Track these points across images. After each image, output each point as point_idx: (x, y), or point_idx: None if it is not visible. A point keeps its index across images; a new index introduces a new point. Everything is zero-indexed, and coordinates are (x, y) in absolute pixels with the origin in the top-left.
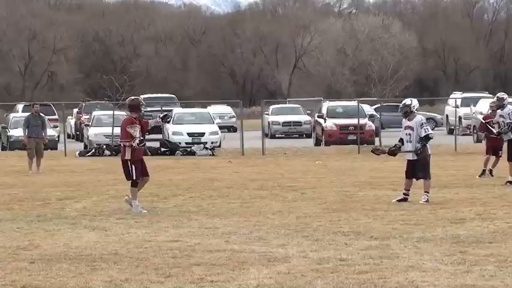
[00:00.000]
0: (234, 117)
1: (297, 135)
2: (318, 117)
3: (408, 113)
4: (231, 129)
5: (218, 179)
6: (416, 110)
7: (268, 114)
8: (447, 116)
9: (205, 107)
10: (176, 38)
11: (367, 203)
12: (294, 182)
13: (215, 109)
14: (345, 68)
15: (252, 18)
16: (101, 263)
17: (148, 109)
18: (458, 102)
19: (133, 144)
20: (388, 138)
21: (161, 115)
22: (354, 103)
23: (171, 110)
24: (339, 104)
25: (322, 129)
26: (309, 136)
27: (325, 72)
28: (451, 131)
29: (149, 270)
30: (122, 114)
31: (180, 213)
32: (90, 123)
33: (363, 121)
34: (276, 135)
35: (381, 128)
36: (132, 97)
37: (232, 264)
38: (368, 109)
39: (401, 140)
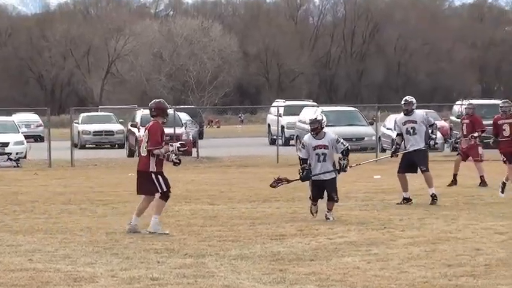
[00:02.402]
0: (41, 125)
1: (109, 146)
2: (131, 126)
3: (319, 129)
4: (37, 138)
5: (23, 192)
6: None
7: (78, 123)
8: (269, 125)
9: (10, 115)
10: None
11: (182, 218)
12: (105, 195)
13: (20, 117)
14: (161, 73)
15: (62, 19)
16: None
17: None
18: (281, 110)
19: (172, 149)
20: (206, 149)
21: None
22: (170, 111)
23: None
24: None
25: (136, 139)
26: (121, 146)
27: (140, 78)
28: (273, 142)
29: None
30: None
31: None
32: None
33: (179, 130)
34: (86, 146)
35: (198, 138)
36: (158, 99)
37: (35, 285)
38: (185, 117)
39: (304, 160)
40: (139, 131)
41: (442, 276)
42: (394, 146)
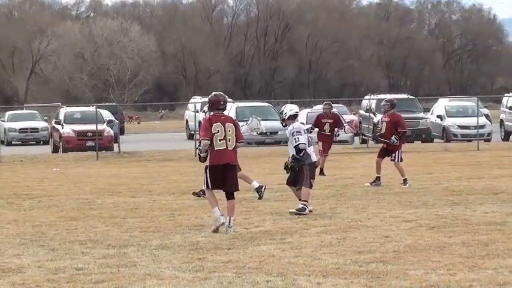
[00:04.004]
0: None
1: (34, 142)
2: (55, 123)
3: (283, 122)
4: None
5: None
6: (289, 116)
7: (4, 121)
8: (187, 121)
9: None
10: None
11: (105, 210)
12: (31, 190)
13: None
14: (83, 72)
15: None
16: None
17: None
18: (198, 106)
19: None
20: (127, 144)
21: None
22: (92, 109)
23: None
24: (77, 109)
25: (60, 136)
26: (46, 143)
27: (63, 77)
28: (191, 136)
29: None
30: None
31: None
32: None
33: (101, 127)
34: (13, 142)
35: (119, 133)
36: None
37: None
38: (107, 115)
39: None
40: (62, 128)
41: (353, 263)
42: None
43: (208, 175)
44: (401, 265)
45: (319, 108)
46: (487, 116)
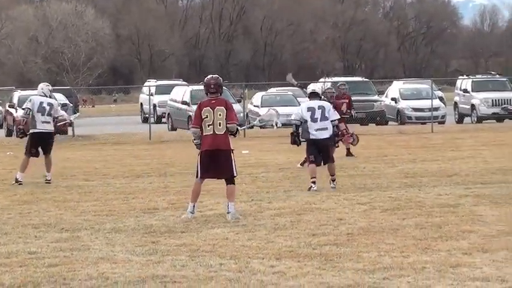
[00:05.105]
0: None
1: None
2: (9, 107)
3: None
4: None
5: None
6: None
7: None
8: (141, 104)
9: None
10: None
11: (58, 194)
12: None
13: None
14: (37, 56)
15: None
16: None
17: None
18: (153, 90)
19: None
20: (82, 128)
21: None
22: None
23: None
24: (31, 93)
25: (14, 120)
26: (0, 127)
27: (17, 60)
28: (145, 120)
29: None
30: None
31: None
32: None
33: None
34: None
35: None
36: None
37: None
38: (61, 98)
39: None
40: (16, 112)
41: (306, 246)
42: None
43: (198, 162)
44: (354, 247)
45: (273, 91)
46: (441, 99)
